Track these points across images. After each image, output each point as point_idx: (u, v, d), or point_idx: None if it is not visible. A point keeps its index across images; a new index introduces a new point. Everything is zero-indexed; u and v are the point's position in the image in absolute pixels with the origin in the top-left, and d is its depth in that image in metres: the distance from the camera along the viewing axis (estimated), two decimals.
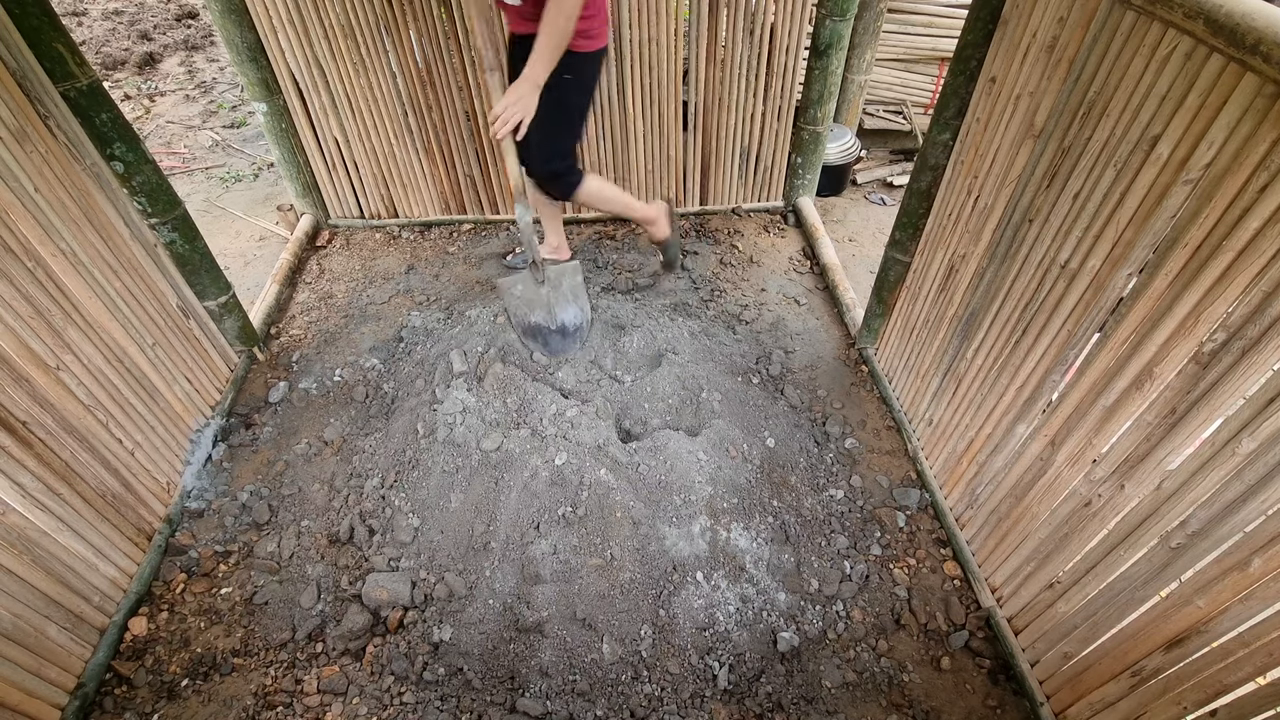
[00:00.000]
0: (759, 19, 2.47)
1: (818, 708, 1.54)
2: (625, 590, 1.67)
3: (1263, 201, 0.96)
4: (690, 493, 1.83)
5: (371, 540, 1.80)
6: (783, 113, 2.76)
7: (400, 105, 2.58)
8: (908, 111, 3.64)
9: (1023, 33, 1.42)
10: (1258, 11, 0.90)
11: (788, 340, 2.44)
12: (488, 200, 2.93)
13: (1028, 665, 1.55)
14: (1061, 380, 1.41)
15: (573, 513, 1.78)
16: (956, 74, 1.63)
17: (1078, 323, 1.33)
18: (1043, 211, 1.40)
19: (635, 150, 2.77)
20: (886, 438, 2.12)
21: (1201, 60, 1.02)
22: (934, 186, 1.83)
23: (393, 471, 1.92)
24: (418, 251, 2.87)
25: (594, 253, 2.83)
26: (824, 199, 3.35)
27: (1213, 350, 1.05)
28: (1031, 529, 1.51)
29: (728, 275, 2.73)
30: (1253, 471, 1.00)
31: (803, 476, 1.98)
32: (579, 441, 1.90)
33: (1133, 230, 1.18)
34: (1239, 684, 1.05)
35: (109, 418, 1.67)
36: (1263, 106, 0.94)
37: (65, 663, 1.48)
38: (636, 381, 2.15)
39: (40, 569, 1.44)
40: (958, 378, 1.77)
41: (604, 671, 1.56)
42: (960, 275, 1.72)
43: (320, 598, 1.71)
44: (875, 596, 1.74)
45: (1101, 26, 1.21)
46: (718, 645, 1.62)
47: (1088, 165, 1.26)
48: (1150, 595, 1.21)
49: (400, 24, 2.37)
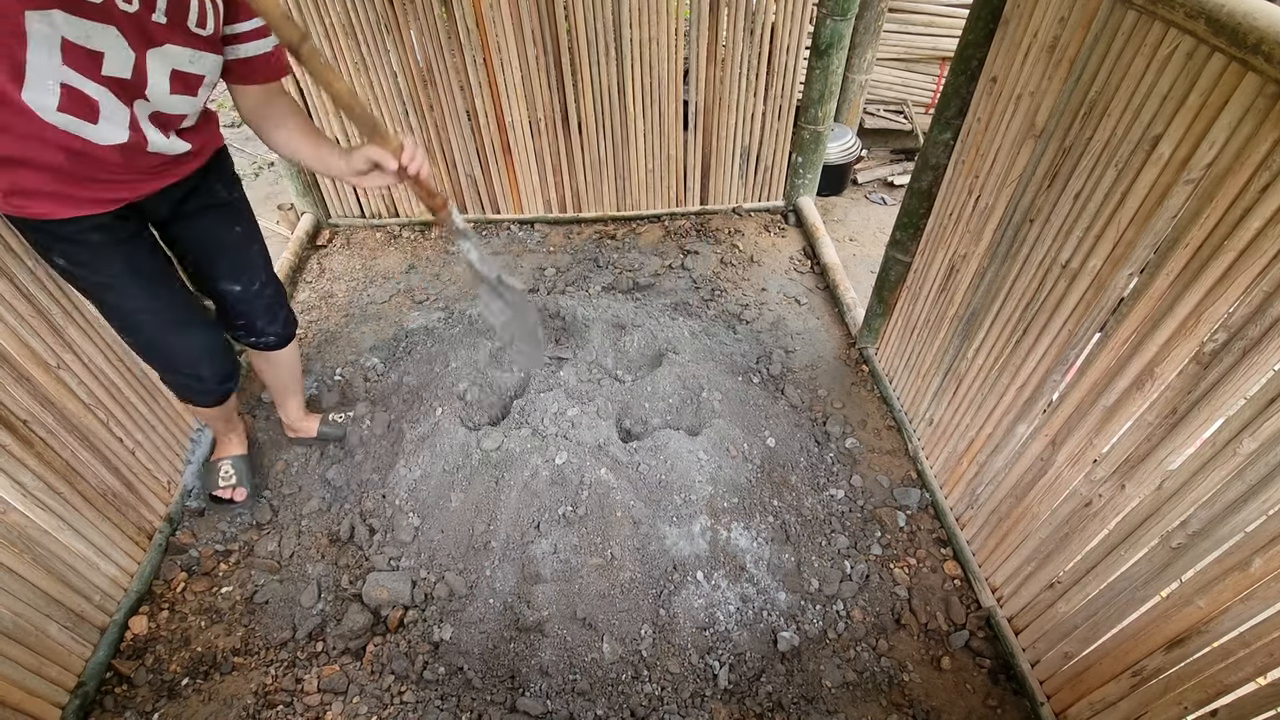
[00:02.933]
0: (759, 18, 2.47)
1: (818, 707, 1.54)
2: (625, 590, 1.67)
3: (1264, 201, 0.95)
4: (691, 492, 1.83)
5: (372, 539, 1.80)
6: (783, 112, 2.75)
7: (401, 104, 2.58)
8: (909, 111, 3.64)
9: (1024, 32, 1.42)
10: (1259, 11, 0.90)
11: (788, 340, 2.44)
12: (488, 199, 2.93)
13: (1028, 665, 1.55)
14: (1062, 380, 1.41)
15: (573, 512, 1.78)
16: (957, 73, 1.63)
17: (1079, 322, 1.33)
18: (1044, 211, 1.40)
19: (635, 150, 2.77)
20: (887, 437, 2.12)
21: (1203, 60, 1.02)
22: (935, 186, 1.83)
23: (393, 471, 1.92)
24: (418, 251, 2.87)
25: (594, 252, 2.83)
26: (825, 199, 3.35)
27: (1214, 350, 1.05)
28: (1032, 529, 1.51)
29: (728, 275, 2.73)
30: (1254, 471, 1.00)
31: (803, 476, 1.98)
32: (579, 441, 1.90)
33: (1134, 230, 1.18)
34: (1239, 684, 1.05)
35: (109, 417, 1.67)
36: (1264, 106, 0.94)
37: (66, 661, 1.48)
38: (637, 381, 2.15)
39: (41, 568, 1.44)
40: (958, 377, 1.77)
41: (604, 671, 1.56)
42: (961, 275, 1.72)
43: (321, 597, 1.71)
44: (875, 596, 1.74)
45: (1103, 26, 1.20)
46: (718, 645, 1.62)
47: (1089, 165, 1.26)
48: (1151, 595, 1.21)
49: (401, 23, 2.37)
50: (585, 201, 2.94)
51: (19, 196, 1.17)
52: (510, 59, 2.46)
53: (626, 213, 2.99)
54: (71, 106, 1.10)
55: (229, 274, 1.58)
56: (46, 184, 1.17)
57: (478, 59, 2.46)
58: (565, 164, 2.81)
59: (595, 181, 2.87)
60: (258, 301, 1.64)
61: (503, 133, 2.68)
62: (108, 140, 1.17)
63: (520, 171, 2.81)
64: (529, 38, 2.41)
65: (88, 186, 1.21)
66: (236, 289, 1.59)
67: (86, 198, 1.22)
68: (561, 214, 2.98)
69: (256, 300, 1.63)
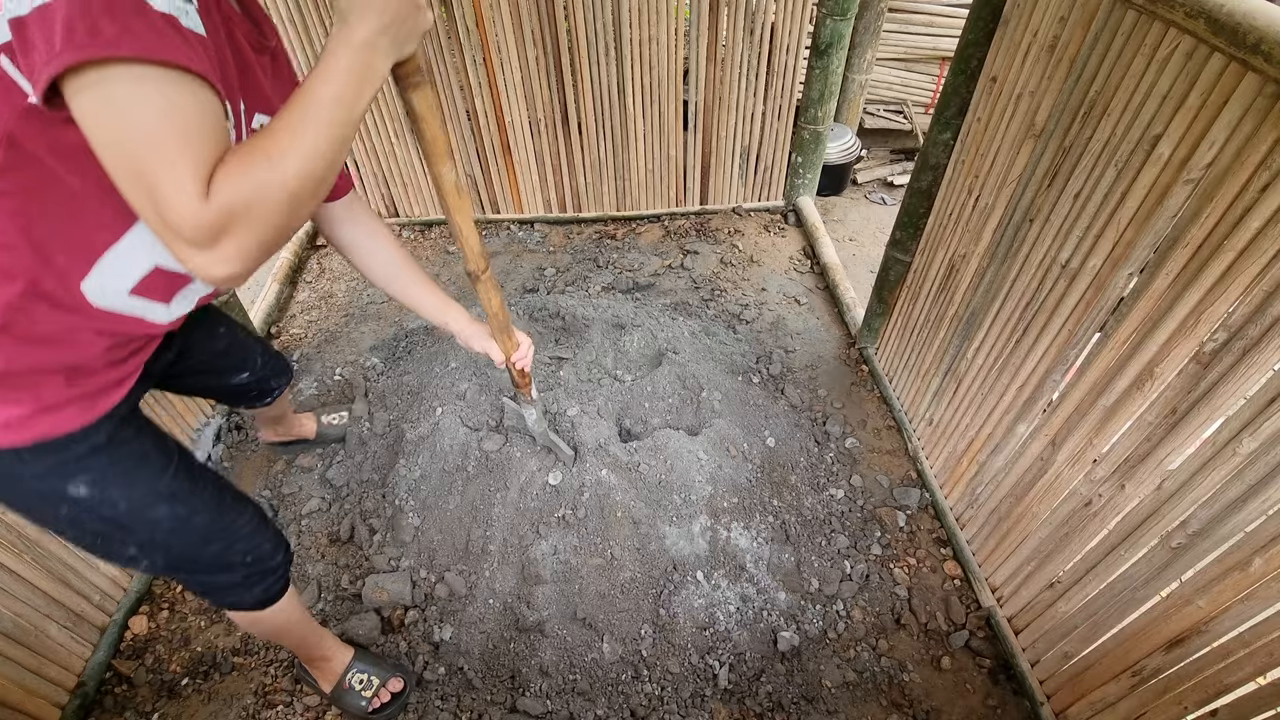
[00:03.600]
0: (759, 18, 2.47)
1: (818, 707, 1.54)
2: (625, 590, 1.67)
3: (1264, 201, 0.95)
4: (690, 492, 1.83)
5: (372, 540, 1.80)
6: (783, 112, 2.76)
7: (401, 104, 2.58)
8: (908, 111, 3.64)
9: (1024, 32, 1.42)
10: (1259, 11, 0.90)
11: (788, 340, 2.44)
12: (488, 200, 2.93)
13: (1028, 665, 1.55)
14: (1062, 380, 1.41)
15: (573, 512, 1.78)
16: (957, 73, 1.63)
17: (1078, 322, 1.33)
18: (1043, 211, 1.40)
19: (635, 150, 2.77)
20: (887, 437, 2.12)
21: (1203, 60, 1.02)
22: (935, 186, 1.83)
23: (393, 471, 1.91)
24: (418, 251, 2.87)
25: (594, 252, 2.83)
26: (824, 198, 3.35)
27: (1214, 350, 1.05)
28: (1032, 529, 1.51)
29: (728, 275, 2.73)
30: (1253, 471, 1.00)
31: (803, 476, 1.98)
32: (580, 440, 1.90)
33: (1134, 230, 1.18)
34: (1239, 684, 1.05)
35: None
36: (1264, 106, 0.94)
37: (66, 661, 1.48)
38: (637, 381, 2.15)
39: (41, 568, 1.44)
40: (958, 377, 1.77)
41: (604, 671, 1.56)
42: (961, 275, 1.72)
43: (321, 597, 1.71)
44: (875, 596, 1.74)
45: (1103, 26, 1.20)
46: (718, 645, 1.62)
47: (1089, 165, 1.26)
48: (1151, 595, 1.21)
49: None
50: (585, 201, 2.94)
51: (43, 414, 0.86)
52: (510, 59, 2.46)
53: (626, 213, 2.99)
54: (151, 287, 0.89)
55: (234, 368, 1.47)
56: (74, 386, 0.88)
57: (478, 59, 2.46)
58: (565, 164, 2.81)
59: (595, 181, 2.87)
60: (265, 370, 1.57)
61: (503, 133, 2.68)
62: (173, 317, 0.96)
63: (520, 171, 2.81)
64: (529, 38, 2.41)
65: (114, 368, 0.93)
66: (245, 375, 1.50)
67: (111, 382, 0.94)
68: (561, 214, 2.98)
69: (265, 369, 1.56)
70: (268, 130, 0.67)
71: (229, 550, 1.12)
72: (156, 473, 1.01)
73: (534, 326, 2.39)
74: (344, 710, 1.49)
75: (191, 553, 1.08)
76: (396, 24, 0.74)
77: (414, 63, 0.86)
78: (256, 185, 0.64)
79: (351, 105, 0.71)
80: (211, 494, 1.09)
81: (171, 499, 1.02)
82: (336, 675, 1.49)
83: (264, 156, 0.65)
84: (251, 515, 1.16)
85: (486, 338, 1.40)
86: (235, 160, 0.64)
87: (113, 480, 0.96)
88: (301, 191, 0.68)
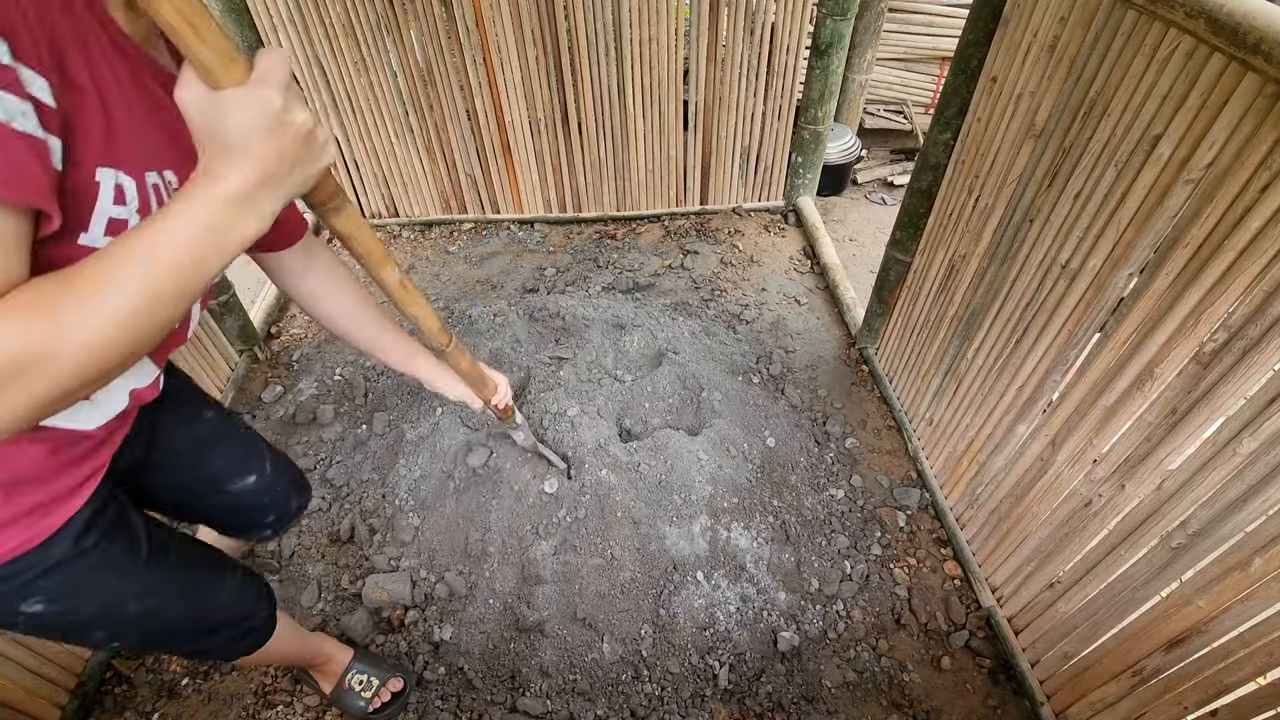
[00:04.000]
0: (759, 18, 2.47)
1: (818, 707, 1.54)
2: (625, 590, 1.67)
3: (1264, 201, 0.95)
4: (690, 492, 1.83)
5: (372, 539, 1.80)
6: (783, 112, 2.75)
7: (401, 104, 2.58)
8: (908, 111, 3.64)
9: (1024, 32, 1.42)
10: (1259, 11, 0.90)
11: (788, 340, 2.44)
12: (488, 199, 2.93)
13: (1028, 665, 1.55)
14: (1062, 380, 1.41)
15: (573, 512, 1.78)
16: (957, 73, 1.63)
17: (1078, 323, 1.33)
18: (1043, 211, 1.40)
19: (635, 150, 2.77)
20: (887, 437, 2.12)
21: (1203, 60, 1.02)
22: (935, 186, 1.83)
23: (393, 471, 1.92)
24: (418, 250, 2.87)
25: (594, 252, 2.83)
26: (824, 198, 3.35)
27: (1214, 350, 1.05)
28: (1032, 529, 1.51)
29: (728, 275, 2.73)
30: (1254, 471, 1.00)
31: (803, 476, 1.98)
32: (580, 441, 1.90)
33: (1134, 230, 1.18)
34: (1239, 684, 1.05)
35: None
36: (1264, 106, 0.94)
37: (66, 661, 1.48)
38: (637, 381, 2.15)
39: None
40: (958, 377, 1.77)
41: (604, 671, 1.57)
42: (961, 275, 1.72)
43: (321, 597, 1.71)
44: (875, 596, 1.74)
45: (1103, 26, 1.20)
46: (718, 645, 1.62)
47: (1089, 165, 1.26)
48: (1151, 595, 1.21)
49: (401, 23, 2.37)
50: (585, 201, 2.94)
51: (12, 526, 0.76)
52: (510, 59, 2.46)
53: (626, 213, 2.99)
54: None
55: (234, 469, 1.19)
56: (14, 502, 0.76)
57: (478, 59, 2.46)
58: (565, 164, 2.81)
59: (595, 181, 2.87)
60: (283, 478, 1.28)
61: (503, 132, 2.68)
62: (107, 417, 0.82)
63: (520, 171, 2.82)
64: (529, 38, 2.41)
65: (65, 474, 0.80)
66: (252, 479, 1.20)
67: (65, 490, 0.80)
68: (561, 214, 2.98)
69: (280, 477, 1.27)
70: (79, 270, 0.51)
71: (208, 619, 1.04)
72: (124, 575, 0.89)
73: (534, 326, 2.39)
74: (344, 710, 1.49)
75: (169, 629, 1.00)
76: (282, 171, 0.58)
77: (327, 188, 0.72)
78: (31, 344, 0.48)
79: (194, 277, 0.55)
80: (187, 576, 0.99)
81: (141, 597, 0.92)
82: (336, 676, 1.48)
83: (52, 312, 0.49)
84: (230, 579, 1.07)
85: (456, 382, 1.27)
86: (21, 301, 0.49)
87: (74, 593, 0.85)
88: (91, 366, 0.51)
